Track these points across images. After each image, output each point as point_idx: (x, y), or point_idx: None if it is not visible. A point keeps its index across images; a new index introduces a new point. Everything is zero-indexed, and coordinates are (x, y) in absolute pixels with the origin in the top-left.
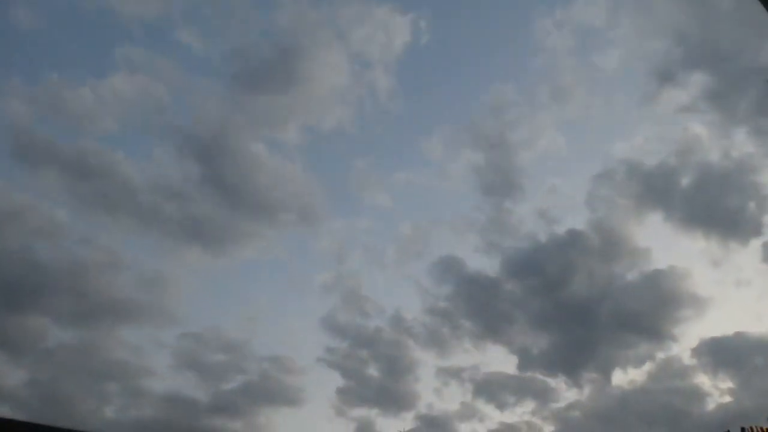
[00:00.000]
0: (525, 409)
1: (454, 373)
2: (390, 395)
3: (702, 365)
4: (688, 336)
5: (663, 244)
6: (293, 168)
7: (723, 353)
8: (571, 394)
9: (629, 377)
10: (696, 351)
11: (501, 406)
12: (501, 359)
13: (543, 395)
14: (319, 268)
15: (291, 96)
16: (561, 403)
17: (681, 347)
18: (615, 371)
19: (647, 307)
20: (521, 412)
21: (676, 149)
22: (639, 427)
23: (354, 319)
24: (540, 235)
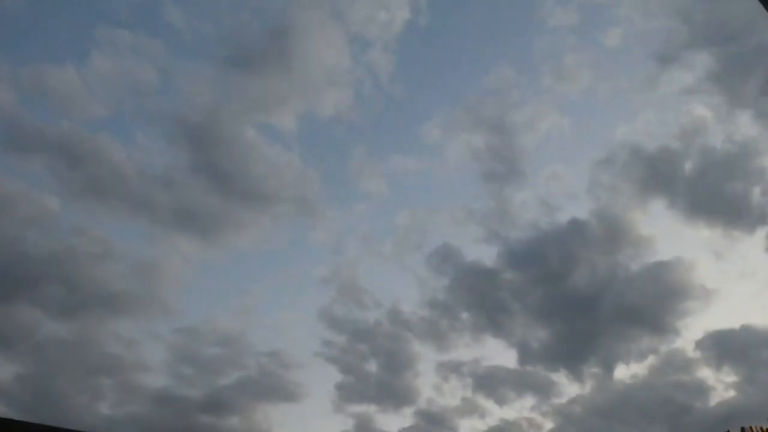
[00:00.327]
0: (526, 405)
1: (454, 368)
2: (389, 391)
3: (706, 358)
4: (692, 329)
5: (667, 232)
6: (288, 155)
7: (728, 346)
8: (573, 388)
9: (632, 371)
10: (700, 344)
11: (502, 401)
12: (501, 353)
13: (544, 390)
14: (315, 258)
15: (286, 79)
16: (563, 399)
17: (685, 340)
18: (617, 365)
19: (650, 299)
20: (522, 407)
21: (679, 132)
22: (639, 423)
23: (351, 312)
24: (541, 224)
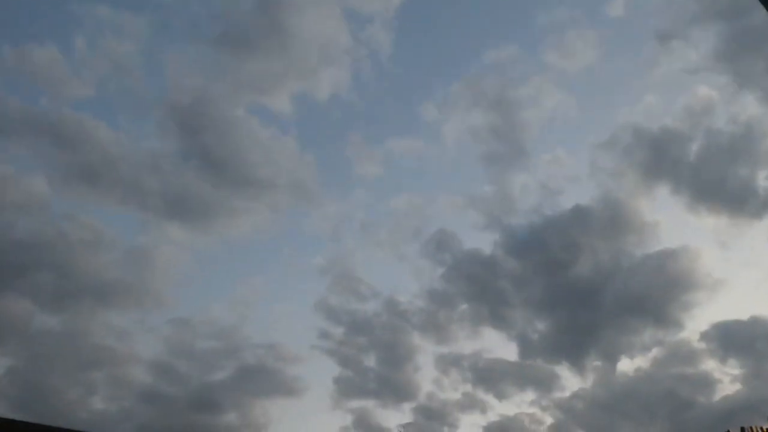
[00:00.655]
0: (527, 399)
1: (454, 361)
2: (389, 385)
3: (711, 350)
4: (697, 320)
5: (671, 219)
6: (284, 139)
7: (734, 338)
8: (575, 382)
9: (635, 365)
10: (705, 335)
11: (502, 395)
12: (502, 345)
13: (546, 383)
14: (312, 247)
15: (280, 58)
16: (565, 393)
17: (690, 332)
18: (621, 358)
19: (655, 289)
20: (524, 401)
21: (683, 113)
22: (641, 419)
23: (349, 303)
24: (542, 209)
